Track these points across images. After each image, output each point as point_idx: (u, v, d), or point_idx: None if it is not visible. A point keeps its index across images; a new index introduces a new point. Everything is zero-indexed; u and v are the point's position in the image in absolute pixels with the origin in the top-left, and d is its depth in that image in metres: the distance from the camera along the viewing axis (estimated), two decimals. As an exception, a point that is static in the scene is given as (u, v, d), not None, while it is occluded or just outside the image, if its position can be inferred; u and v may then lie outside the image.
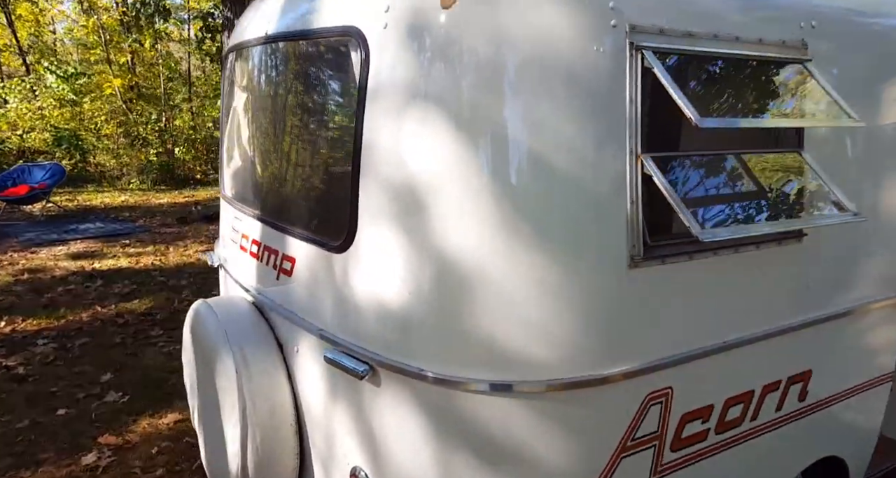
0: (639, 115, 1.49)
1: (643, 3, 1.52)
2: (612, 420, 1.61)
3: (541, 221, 1.51)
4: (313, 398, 1.98)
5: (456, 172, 1.52)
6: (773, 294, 1.83)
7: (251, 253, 2.29)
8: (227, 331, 2.06)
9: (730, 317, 1.75)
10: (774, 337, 1.83)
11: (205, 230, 8.46)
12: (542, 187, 1.51)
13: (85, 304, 5.66)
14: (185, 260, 7.10)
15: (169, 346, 4.76)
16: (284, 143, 2.09)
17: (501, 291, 1.53)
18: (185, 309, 5.46)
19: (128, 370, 4.34)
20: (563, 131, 1.48)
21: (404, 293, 1.63)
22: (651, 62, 1.46)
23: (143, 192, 12.45)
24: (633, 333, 1.59)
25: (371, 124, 1.66)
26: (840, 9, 1.91)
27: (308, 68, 1.99)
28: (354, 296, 1.76)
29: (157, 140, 15.02)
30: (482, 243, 1.52)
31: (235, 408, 1.97)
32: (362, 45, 1.67)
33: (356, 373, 1.71)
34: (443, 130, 1.53)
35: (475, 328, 1.55)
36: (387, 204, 1.65)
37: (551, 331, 1.54)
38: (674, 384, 1.67)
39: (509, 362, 1.55)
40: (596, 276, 1.53)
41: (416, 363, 1.62)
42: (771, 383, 1.90)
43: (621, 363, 1.57)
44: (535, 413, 1.57)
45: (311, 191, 2.02)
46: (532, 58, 1.47)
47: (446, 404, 1.62)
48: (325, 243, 1.86)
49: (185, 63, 18.46)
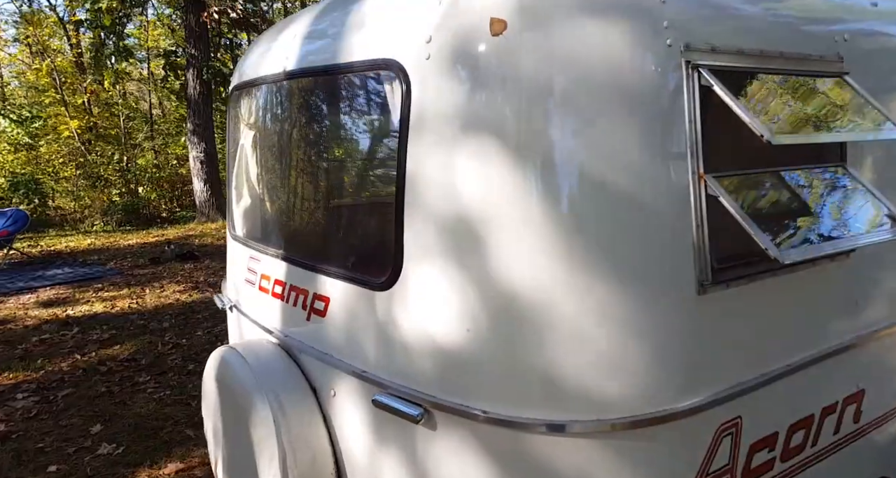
0: (699, 134, 1.46)
1: (695, 22, 1.51)
2: (688, 455, 1.55)
3: (605, 249, 1.46)
4: (355, 444, 1.87)
5: (513, 202, 1.46)
6: (826, 312, 1.81)
7: (274, 294, 2.18)
8: (260, 377, 1.93)
9: (791, 339, 1.72)
10: (831, 357, 1.80)
11: (180, 269, 8.19)
12: (605, 214, 1.46)
13: (63, 353, 5.37)
14: (163, 301, 6.84)
15: (158, 392, 4.53)
16: (313, 180, 2.01)
17: (568, 325, 1.46)
18: (171, 353, 5.34)
19: (118, 420, 4.10)
20: (622, 154, 1.44)
21: (461, 331, 1.55)
22: (710, 80, 1.44)
23: (109, 233, 12.07)
24: (704, 363, 1.54)
25: (416, 157, 1.60)
26: (867, 22, 1.94)
27: (339, 103, 1.93)
28: (402, 335, 1.67)
29: (119, 180, 14.68)
30: (544, 274, 1.46)
31: (274, 458, 1.84)
32: (402, 77, 1.61)
33: (411, 417, 1.61)
34: (497, 158, 1.47)
35: (541, 365, 1.47)
36: (437, 238, 1.58)
37: (622, 365, 1.47)
38: (743, 413, 1.62)
39: (580, 399, 1.47)
40: (665, 305, 1.48)
41: (478, 404, 1.53)
42: (829, 405, 1.87)
43: (694, 395, 1.51)
44: (610, 453, 1.49)
45: (347, 228, 1.94)
46: (588, 81, 1.43)
47: (514, 447, 1.53)
48: (366, 281, 1.77)
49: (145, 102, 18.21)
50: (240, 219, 2.53)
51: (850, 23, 1.86)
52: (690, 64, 1.46)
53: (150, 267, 8.48)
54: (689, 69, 1.46)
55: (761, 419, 1.68)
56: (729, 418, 1.59)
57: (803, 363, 1.73)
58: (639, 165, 1.43)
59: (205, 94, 11.65)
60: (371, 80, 1.77)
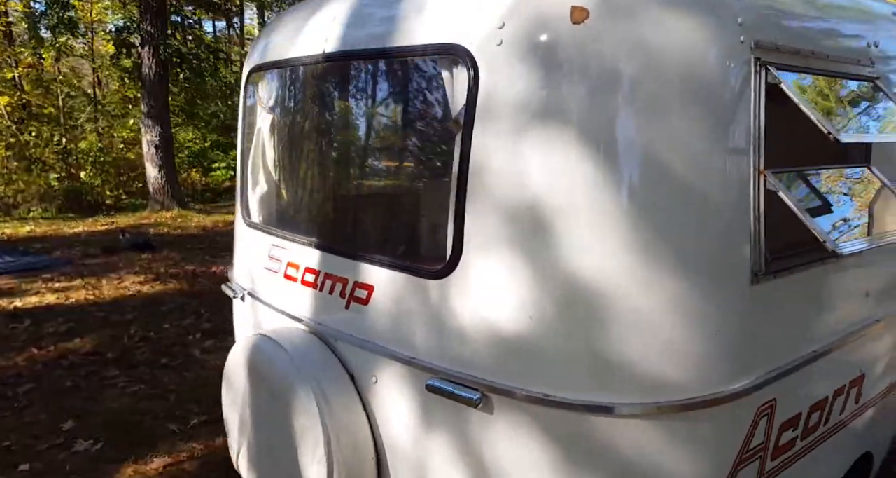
0: (762, 131, 1.54)
1: (763, 21, 1.58)
2: (734, 434, 1.64)
3: (669, 239, 1.52)
4: (399, 429, 1.88)
5: (587, 192, 1.51)
6: (846, 302, 1.95)
7: (305, 282, 2.15)
8: (300, 365, 1.92)
9: (819, 327, 1.85)
10: (846, 344, 1.95)
11: (137, 260, 7.86)
12: (670, 205, 1.52)
13: (16, 347, 5.08)
14: (123, 293, 6.56)
15: (132, 386, 4.36)
16: (357, 169, 1.99)
17: (633, 312, 1.52)
18: (139, 346, 5.15)
19: (91, 416, 3.92)
20: (694, 147, 1.50)
21: (523, 318, 1.59)
22: (779, 77, 1.52)
23: (50, 221, 11.42)
24: (751, 349, 1.63)
25: (481, 145, 1.62)
26: (892, 30, 2.08)
27: (390, 88, 1.92)
28: (459, 322, 1.70)
29: (59, 163, 13.90)
30: (613, 262, 1.51)
31: (319, 445, 1.83)
32: (469, 63, 1.63)
33: (470, 401, 1.64)
34: (572, 148, 1.51)
35: (605, 350, 1.53)
36: (502, 227, 1.61)
37: (680, 351, 1.54)
38: (777, 395, 1.73)
39: (639, 383, 1.54)
40: (724, 294, 1.56)
41: (540, 389, 1.58)
42: (839, 388, 2.01)
43: (741, 379, 1.60)
44: (667, 433, 1.57)
45: (397, 218, 1.93)
46: (664, 73, 1.47)
47: (571, 429, 1.58)
48: (418, 270, 1.79)
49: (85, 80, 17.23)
50: (258, 206, 2.47)
51: (879, 31, 1.99)
52: (760, 61, 1.53)
53: (103, 256, 8.10)
54: (758, 66, 1.53)
55: (791, 401, 1.80)
56: (767, 399, 1.70)
57: (826, 350, 1.86)
58: (709, 159, 1.50)
59: (161, 74, 11.12)
60: (430, 65, 1.77)
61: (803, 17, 1.73)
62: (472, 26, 1.64)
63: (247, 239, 2.54)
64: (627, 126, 1.49)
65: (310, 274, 2.14)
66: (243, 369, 2.10)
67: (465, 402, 1.65)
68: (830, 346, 1.88)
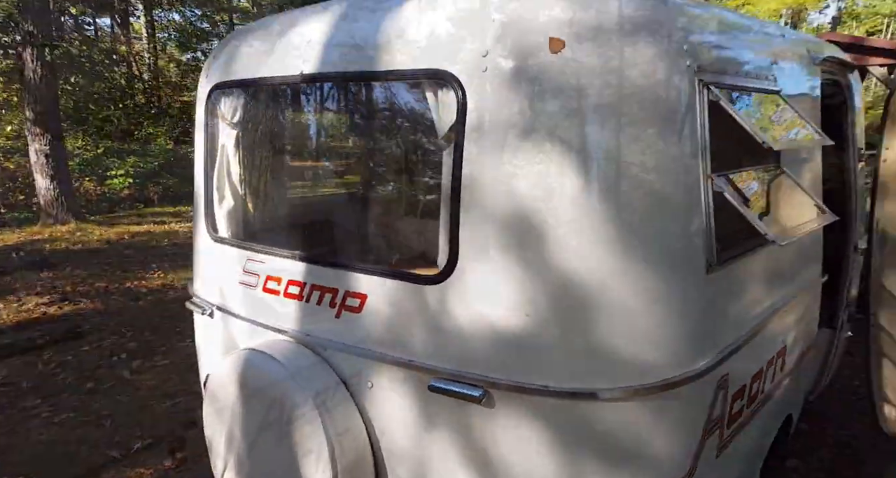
0: (707, 140, 1.79)
1: (700, 47, 1.81)
2: (700, 409, 1.88)
3: (647, 237, 1.73)
4: (398, 430, 1.98)
5: (571, 199, 1.69)
6: (774, 282, 2.27)
7: (288, 294, 2.20)
8: (296, 376, 1.97)
9: (756, 306, 2.14)
10: (774, 320, 2.27)
11: (36, 279, 7.26)
12: (646, 206, 1.73)
13: None
14: (26, 316, 6.08)
15: (58, 415, 4.11)
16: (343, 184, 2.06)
17: (615, 305, 1.72)
18: (57, 372, 4.82)
19: (15, 452, 3.67)
20: (659, 157, 1.72)
21: (520, 316, 1.75)
22: (717, 95, 1.78)
23: (-87, 238, 10.25)
24: (710, 330, 1.89)
25: (472, 161, 1.76)
26: (783, 49, 2.43)
27: (378, 108, 2.00)
28: (457, 324, 1.83)
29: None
30: (596, 262, 1.71)
31: (322, 453, 1.90)
32: (456, 87, 1.77)
33: (473, 398, 1.78)
34: (556, 161, 1.69)
35: (596, 341, 1.72)
36: (495, 234, 1.76)
37: (658, 336, 1.76)
38: (730, 370, 2.00)
39: (626, 368, 1.74)
40: (688, 283, 1.79)
41: (539, 381, 1.74)
42: (770, 358, 2.34)
43: (704, 358, 1.84)
44: (649, 411, 1.78)
45: (390, 230, 2.02)
46: (634, 95, 1.68)
47: (572, 416, 1.76)
48: (413, 277, 1.90)
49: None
50: (227, 221, 2.47)
51: (776, 50, 2.33)
52: (703, 82, 1.78)
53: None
54: (701, 86, 1.78)
55: (738, 374, 2.08)
56: (723, 374, 1.96)
57: (762, 326, 2.16)
58: (672, 166, 1.73)
59: (48, 78, 10.24)
60: (415, 88, 1.89)
61: (728, 43, 2.00)
62: (457, 54, 1.77)
63: (214, 254, 2.52)
64: (598, 140, 1.69)
65: (294, 286, 2.19)
66: (233, 385, 2.11)
67: (468, 399, 1.79)
68: (765, 322, 2.18)
